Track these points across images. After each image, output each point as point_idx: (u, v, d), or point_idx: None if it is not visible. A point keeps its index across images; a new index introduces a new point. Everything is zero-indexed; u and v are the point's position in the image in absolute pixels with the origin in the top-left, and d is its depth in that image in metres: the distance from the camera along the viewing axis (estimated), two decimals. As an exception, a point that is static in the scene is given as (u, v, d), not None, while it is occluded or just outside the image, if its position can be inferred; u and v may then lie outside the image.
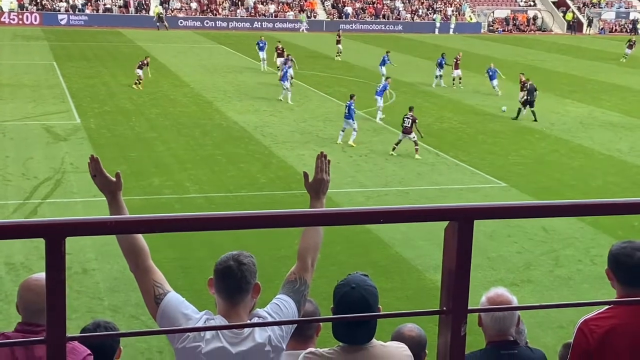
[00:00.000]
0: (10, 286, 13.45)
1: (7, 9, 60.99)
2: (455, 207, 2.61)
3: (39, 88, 33.09)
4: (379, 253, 15.80)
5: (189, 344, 3.32)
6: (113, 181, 3.66)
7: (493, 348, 4.18)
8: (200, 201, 18.83)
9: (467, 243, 2.57)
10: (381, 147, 24.93)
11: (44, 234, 2.20)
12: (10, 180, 19.86)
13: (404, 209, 2.68)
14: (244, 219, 2.75)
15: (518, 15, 74.94)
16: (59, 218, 2.33)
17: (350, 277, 3.62)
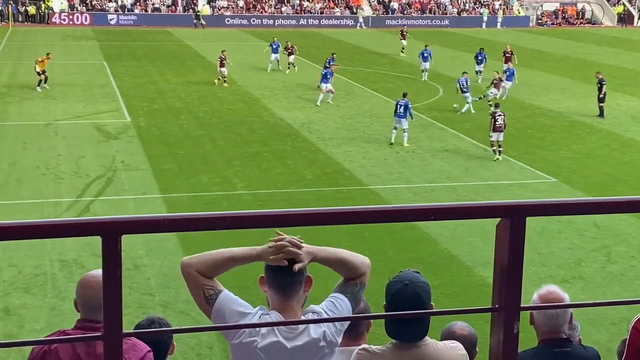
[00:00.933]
0: (64, 283, 13.71)
1: (58, 9, 62.08)
2: (507, 203, 2.59)
3: (90, 87, 33.61)
4: (427, 249, 15.73)
5: (244, 339, 3.34)
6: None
7: (546, 346, 4.13)
8: (247, 198, 18.95)
9: (519, 240, 2.55)
10: (428, 143, 24.80)
11: (101, 232, 2.24)
12: (63, 178, 20.22)
13: (455, 206, 2.67)
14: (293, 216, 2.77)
15: (567, 8, 73.84)
16: (115, 216, 2.37)
17: (403, 274, 3.61)
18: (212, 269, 3.35)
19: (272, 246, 3.32)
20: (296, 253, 3.31)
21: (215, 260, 3.35)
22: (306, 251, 3.34)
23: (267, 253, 3.32)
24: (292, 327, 3.37)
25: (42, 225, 2.19)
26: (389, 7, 68.58)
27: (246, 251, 3.37)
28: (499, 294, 2.60)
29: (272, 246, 3.32)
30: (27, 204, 18.19)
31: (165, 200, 18.61)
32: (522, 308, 2.59)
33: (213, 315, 3.36)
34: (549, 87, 35.48)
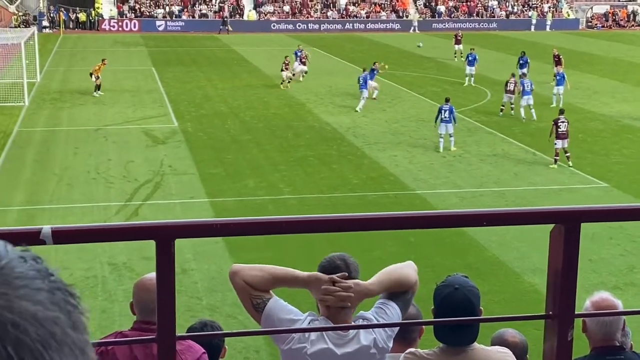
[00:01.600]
0: (114, 286, 13.90)
1: (108, 16, 63.07)
2: (561, 209, 2.56)
3: (138, 93, 34.07)
4: (475, 255, 15.60)
5: (294, 345, 3.35)
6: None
7: (598, 354, 4.07)
8: (293, 202, 19.01)
9: (574, 247, 2.52)
10: (475, 148, 24.60)
11: (155, 236, 2.27)
12: (112, 182, 20.52)
13: (509, 212, 2.65)
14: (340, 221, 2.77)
15: (618, 11, 72.67)
16: (169, 220, 2.40)
17: (452, 278, 3.59)
18: (259, 283, 3.37)
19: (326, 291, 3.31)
20: (347, 300, 3.31)
21: (263, 276, 3.37)
22: (359, 292, 3.33)
23: (318, 290, 3.32)
24: (342, 334, 3.37)
25: (99, 229, 2.23)
26: (436, 11, 68.27)
27: (297, 276, 3.38)
28: (552, 301, 2.58)
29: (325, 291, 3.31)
30: (78, 207, 18.50)
31: (212, 204, 18.76)
32: (577, 315, 2.56)
33: (263, 322, 3.38)
34: (600, 91, 34.95)
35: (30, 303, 0.76)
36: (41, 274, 0.79)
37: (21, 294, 0.76)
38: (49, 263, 0.86)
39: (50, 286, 0.79)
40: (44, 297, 0.77)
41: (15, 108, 30.17)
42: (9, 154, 23.34)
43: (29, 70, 33.64)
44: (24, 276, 0.77)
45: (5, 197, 19.21)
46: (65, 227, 2.16)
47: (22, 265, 0.78)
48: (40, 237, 2.06)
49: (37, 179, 20.83)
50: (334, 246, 13.11)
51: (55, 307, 0.77)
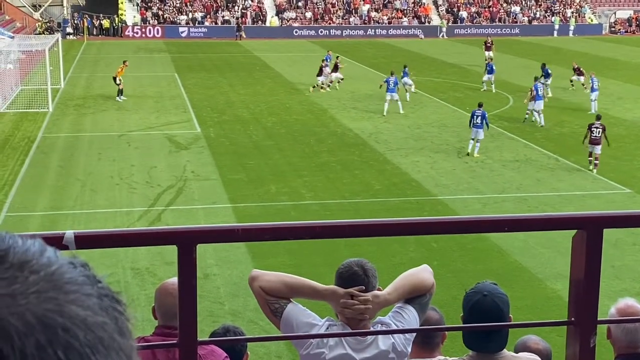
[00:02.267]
0: (136, 290, 13.97)
1: (131, 22, 63.53)
2: (584, 215, 2.55)
3: (161, 99, 34.27)
4: (497, 261, 15.52)
5: (312, 350, 3.36)
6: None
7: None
8: (315, 208, 19.02)
9: (596, 253, 2.50)
10: (498, 153, 24.49)
11: (177, 241, 2.28)
12: (135, 188, 20.65)
13: (531, 218, 2.64)
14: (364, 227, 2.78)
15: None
16: (191, 226, 2.41)
17: (481, 285, 3.59)
18: (276, 292, 3.39)
19: (344, 305, 3.33)
20: (366, 312, 3.32)
21: (280, 287, 3.38)
22: (377, 303, 3.35)
23: (336, 303, 3.33)
24: (360, 339, 3.37)
25: (121, 235, 2.25)
26: (458, 16, 68.10)
27: (315, 288, 3.39)
28: (575, 307, 2.56)
29: (344, 305, 3.33)
30: (101, 213, 18.62)
31: (234, 210, 18.82)
32: (599, 321, 2.55)
33: (282, 327, 3.39)
34: (624, 97, 34.67)
35: (81, 308, 0.77)
36: (90, 280, 0.81)
37: (71, 298, 0.77)
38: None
39: (98, 292, 0.80)
40: (93, 302, 0.79)
41: (39, 114, 30.46)
42: (33, 160, 23.56)
43: (53, 76, 33.95)
44: (74, 282, 0.79)
45: (29, 202, 19.39)
46: (88, 232, 2.18)
47: (72, 271, 0.80)
48: (63, 242, 2.09)
49: (60, 184, 21.00)
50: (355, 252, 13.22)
51: (103, 312, 0.79)
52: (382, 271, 3.58)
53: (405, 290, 3.45)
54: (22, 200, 19.52)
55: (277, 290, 3.38)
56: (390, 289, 3.43)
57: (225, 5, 66.64)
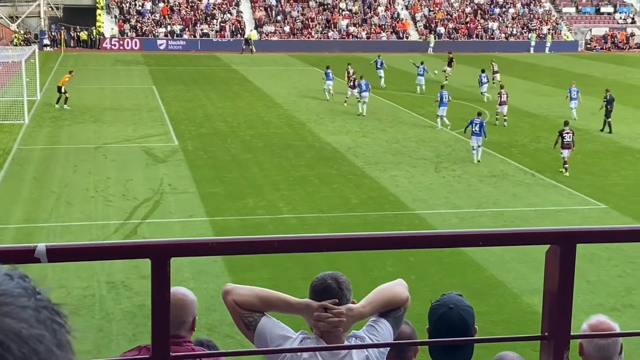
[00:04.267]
0: (111, 304, 13.85)
1: (109, 35, 63.32)
2: (557, 230, 2.56)
3: (139, 111, 34.14)
4: (473, 275, 15.57)
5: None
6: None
7: (595, 377, 4.04)
8: (293, 222, 18.99)
9: (569, 267, 2.52)
10: (475, 168, 24.63)
11: (150, 255, 2.27)
12: (111, 201, 20.52)
13: (505, 232, 2.65)
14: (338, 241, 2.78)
15: (617, 33, 72.99)
16: (165, 239, 2.40)
17: (446, 297, 3.59)
18: (249, 305, 3.38)
19: (318, 318, 3.33)
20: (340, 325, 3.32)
21: (253, 301, 3.37)
22: (351, 316, 3.35)
23: (310, 316, 3.33)
24: (334, 353, 3.37)
25: (94, 247, 2.23)
26: (436, 32, 68.56)
27: (289, 302, 3.39)
28: (548, 322, 2.57)
29: (317, 318, 3.33)
30: (76, 225, 18.48)
31: (211, 223, 18.75)
32: (572, 336, 2.56)
33: (255, 341, 3.38)
34: (598, 113, 35.01)
35: (15, 321, 0.76)
36: (27, 292, 0.80)
37: (5, 311, 0.76)
38: (45, 281, 0.86)
39: (36, 304, 0.79)
40: (29, 315, 0.78)
41: (15, 126, 30.23)
42: (8, 172, 23.36)
43: (29, 88, 33.73)
44: (9, 294, 0.78)
45: (3, 214, 19.20)
46: (60, 245, 2.16)
47: (8, 283, 0.79)
48: (34, 255, 2.06)
49: (35, 196, 20.82)
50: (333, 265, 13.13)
51: (40, 325, 0.78)
52: (360, 285, 3.59)
53: (379, 303, 3.45)
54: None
55: (250, 303, 3.37)
56: (365, 302, 3.42)
57: (204, 18, 66.62)
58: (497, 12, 72.13)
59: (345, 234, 2.79)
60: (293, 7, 69.30)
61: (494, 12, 72.03)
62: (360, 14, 69.77)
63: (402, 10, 71.29)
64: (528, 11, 73.13)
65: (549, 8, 74.18)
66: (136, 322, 13.09)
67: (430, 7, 71.93)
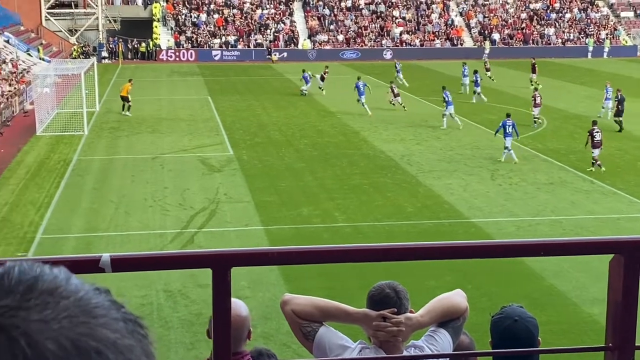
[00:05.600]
0: (169, 313, 14.02)
1: (165, 46, 64.29)
2: (621, 239, 2.51)
3: (194, 122, 34.55)
4: (532, 285, 15.34)
5: (344, 373, 3.35)
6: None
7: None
8: (348, 230, 18.98)
9: (634, 277, 2.47)
10: (532, 176, 24.31)
11: (212, 264, 2.29)
12: (168, 210, 20.78)
13: (567, 242, 2.61)
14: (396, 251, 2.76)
15: (677, 36, 71.32)
16: (225, 249, 2.42)
17: (509, 309, 3.55)
18: (308, 315, 3.38)
19: (377, 327, 3.32)
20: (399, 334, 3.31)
21: (312, 311, 3.37)
22: (410, 326, 3.33)
23: (369, 326, 3.32)
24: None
25: (157, 258, 2.26)
26: (491, 38, 67.95)
27: (347, 312, 3.38)
28: (612, 333, 2.52)
29: (376, 327, 3.32)
30: (135, 235, 18.77)
31: (266, 232, 18.85)
32: (638, 347, 2.51)
33: (314, 351, 3.38)
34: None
35: (110, 331, 0.80)
36: (115, 305, 0.84)
37: (101, 322, 0.80)
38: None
39: (123, 316, 0.83)
40: (121, 326, 0.82)
41: (75, 137, 30.87)
42: (68, 182, 23.85)
43: (88, 100, 34.41)
44: (102, 306, 0.82)
45: (64, 224, 19.60)
46: (124, 255, 2.20)
47: (98, 297, 0.83)
48: (99, 265, 2.11)
49: (95, 206, 21.21)
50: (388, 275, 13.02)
51: (130, 335, 0.82)
52: (415, 295, 3.56)
53: (438, 313, 3.42)
54: (57, 222, 19.75)
55: (309, 313, 3.37)
56: (423, 311, 3.40)
57: (257, 28, 67.21)
58: (553, 18, 71.18)
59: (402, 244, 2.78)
60: (346, 15, 69.45)
61: (550, 18, 71.09)
62: (413, 21, 69.57)
63: (456, 17, 70.86)
64: (585, 16, 72.00)
65: (607, 13, 72.91)
66: (194, 330, 13.22)
67: (485, 13, 71.35)
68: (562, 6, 72.60)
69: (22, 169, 25.68)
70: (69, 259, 2.24)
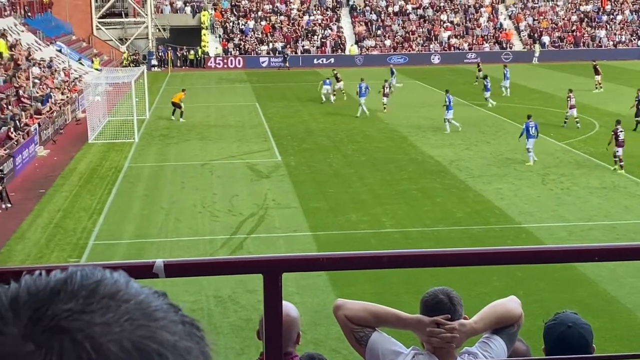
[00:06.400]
0: (219, 318, 14.12)
1: (214, 54, 64.89)
2: (680, 244, 2.45)
3: (243, 128, 34.79)
4: (585, 290, 15.10)
5: (397, 378, 3.32)
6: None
7: None
8: (396, 236, 18.90)
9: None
10: (584, 180, 23.93)
11: (263, 270, 2.29)
12: (217, 216, 20.95)
13: (621, 247, 2.56)
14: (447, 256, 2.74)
15: None
16: (276, 255, 2.42)
17: (562, 315, 3.49)
18: (361, 320, 3.36)
19: (431, 333, 3.29)
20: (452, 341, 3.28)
21: (365, 316, 3.35)
22: (464, 332, 3.30)
23: (422, 331, 3.29)
24: (447, 370, 3.32)
25: (209, 263, 2.27)
26: (540, 41, 67.16)
27: (400, 317, 3.36)
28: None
29: (430, 333, 3.29)
30: (184, 241, 18.95)
31: (315, 238, 18.87)
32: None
33: (367, 356, 3.37)
34: None
35: (169, 334, 0.82)
36: (173, 308, 0.85)
37: (161, 325, 0.82)
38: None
39: (181, 319, 0.85)
40: (179, 329, 0.84)
41: (125, 144, 31.32)
42: (119, 189, 24.20)
43: (138, 107, 34.90)
44: (161, 309, 0.84)
45: (116, 230, 19.88)
46: (177, 261, 2.22)
47: (157, 300, 0.85)
48: (153, 271, 2.12)
49: (146, 212, 21.48)
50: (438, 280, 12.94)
51: (188, 338, 0.84)
52: (465, 300, 3.52)
53: (492, 320, 3.38)
54: (109, 228, 20.05)
55: (362, 319, 3.36)
56: (477, 318, 3.36)
57: (305, 35, 67.45)
58: (604, 20, 70.07)
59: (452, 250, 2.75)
60: (394, 20, 69.31)
61: (601, 20, 69.99)
62: (462, 25, 69.13)
63: (505, 20, 70.21)
64: (637, 18, 70.73)
65: (660, 13, 71.55)
66: (243, 335, 13.29)
67: (535, 16, 70.56)
68: (614, 8, 71.43)
69: (74, 176, 26.14)
70: (123, 265, 2.26)
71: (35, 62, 42.57)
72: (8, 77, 37.04)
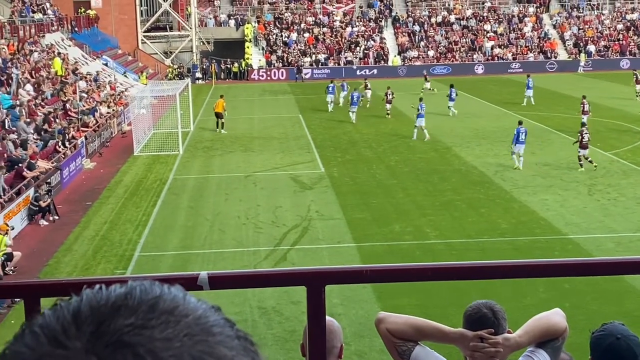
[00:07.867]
0: (263, 330, 14.14)
1: (257, 66, 65.33)
2: None
3: (286, 140, 34.92)
4: (633, 303, 14.81)
5: (440, 394, 3.30)
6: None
7: None
8: (440, 247, 18.78)
9: None
10: (631, 190, 23.53)
11: (306, 282, 2.29)
12: (261, 228, 21.03)
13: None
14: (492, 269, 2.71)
15: None
16: (320, 267, 2.42)
17: (610, 326, 3.43)
18: (403, 334, 3.34)
19: (474, 348, 3.26)
20: (496, 355, 3.24)
21: (407, 330, 3.33)
22: (508, 346, 3.26)
23: (465, 346, 3.26)
24: (491, 384, 3.28)
25: (252, 275, 2.28)
26: (586, 51, 66.34)
27: (443, 331, 3.33)
28: None
29: (473, 348, 3.26)
30: (228, 252, 19.06)
31: (358, 249, 18.83)
32: None
33: None
34: None
35: (227, 349, 0.83)
36: (228, 323, 0.86)
37: (218, 340, 0.84)
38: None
39: (237, 334, 0.86)
40: (236, 344, 0.85)
41: (170, 156, 31.65)
42: (164, 201, 24.44)
43: (183, 120, 35.26)
44: (218, 324, 0.86)
45: (162, 242, 20.07)
46: (221, 273, 2.23)
47: (214, 315, 0.87)
48: (197, 283, 2.14)
49: (190, 224, 21.65)
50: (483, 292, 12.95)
51: (244, 352, 0.85)
52: (511, 313, 3.49)
53: (537, 333, 3.33)
54: (154, 239, 20.24)
55: (404, 332, 3.34)
56: (521, 331, 3.32)
57: (347, 46, 67.55)
58: (651, 27, 68.98)
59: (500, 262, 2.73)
60: (437, 31, 69.08)
61: (648, 27, 68.92)
62: (505, 35, 68.62)
63: (549, 29, 69.53)
64: (685, 24, 69.51)
65: None
66: (287, 347, 13.30)
67: (580, 25, 69.76)
68: (661, 15, 70.31)
69: (120, 188, 26.48)
70: (167, 277, 2.28)
71: (82, 76, 43.30)
72: (56, 91, 37.72)
